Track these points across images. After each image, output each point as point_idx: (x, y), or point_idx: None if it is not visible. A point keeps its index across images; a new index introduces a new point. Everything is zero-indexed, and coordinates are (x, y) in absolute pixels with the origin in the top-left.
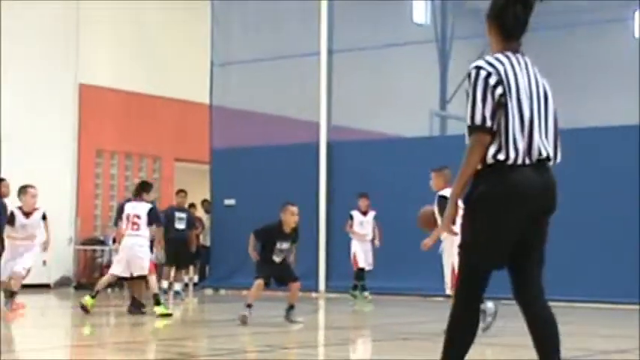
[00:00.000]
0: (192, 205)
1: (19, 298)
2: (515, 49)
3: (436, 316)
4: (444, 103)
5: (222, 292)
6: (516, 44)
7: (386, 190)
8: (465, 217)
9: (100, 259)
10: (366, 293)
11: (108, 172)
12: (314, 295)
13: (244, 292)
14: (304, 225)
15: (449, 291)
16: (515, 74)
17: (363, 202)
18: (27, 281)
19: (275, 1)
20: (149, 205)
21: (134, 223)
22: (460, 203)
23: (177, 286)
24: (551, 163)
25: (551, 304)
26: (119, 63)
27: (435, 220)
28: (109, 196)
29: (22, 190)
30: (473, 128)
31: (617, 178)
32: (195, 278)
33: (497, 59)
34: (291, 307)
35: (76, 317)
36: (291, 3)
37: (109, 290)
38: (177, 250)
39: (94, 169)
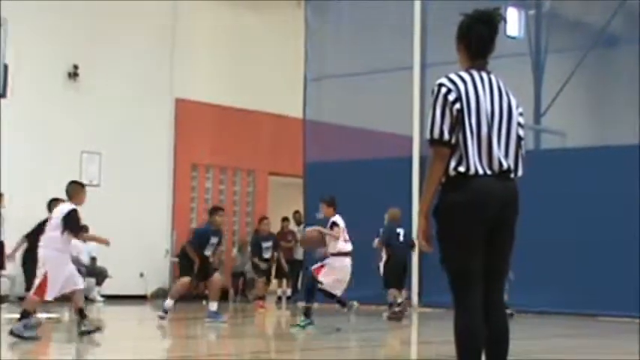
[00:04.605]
0: (285, 219)
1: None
2: (481, 66)
3: None
4: (538, 116)
5: (316, 305)
6: (482, 62)
7: None
8: (436, 231)
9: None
10: None
11: (203, 185)
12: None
13: (338, 307)
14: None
15: None
16: (476, 91)
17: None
18: (125, 292)
19: (368, 16)
20: None
21: None
22: None
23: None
24: (512, 175)
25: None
26: (214, 77)
27: (323, 239)
28: (204, 209)
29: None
30: (431, 142)
31: None
32: (289, 292)
33: (460, 77)
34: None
35: (181, 328)
36: (384, 18)
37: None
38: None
39: (190, 182)
